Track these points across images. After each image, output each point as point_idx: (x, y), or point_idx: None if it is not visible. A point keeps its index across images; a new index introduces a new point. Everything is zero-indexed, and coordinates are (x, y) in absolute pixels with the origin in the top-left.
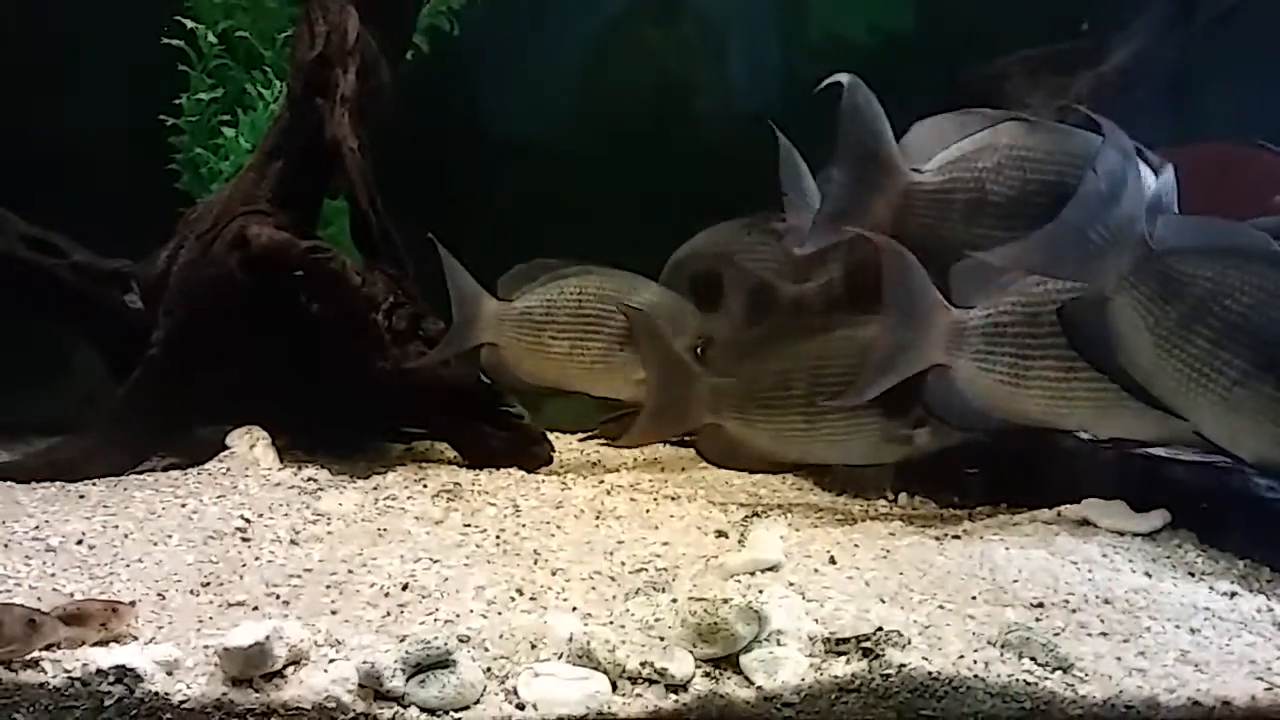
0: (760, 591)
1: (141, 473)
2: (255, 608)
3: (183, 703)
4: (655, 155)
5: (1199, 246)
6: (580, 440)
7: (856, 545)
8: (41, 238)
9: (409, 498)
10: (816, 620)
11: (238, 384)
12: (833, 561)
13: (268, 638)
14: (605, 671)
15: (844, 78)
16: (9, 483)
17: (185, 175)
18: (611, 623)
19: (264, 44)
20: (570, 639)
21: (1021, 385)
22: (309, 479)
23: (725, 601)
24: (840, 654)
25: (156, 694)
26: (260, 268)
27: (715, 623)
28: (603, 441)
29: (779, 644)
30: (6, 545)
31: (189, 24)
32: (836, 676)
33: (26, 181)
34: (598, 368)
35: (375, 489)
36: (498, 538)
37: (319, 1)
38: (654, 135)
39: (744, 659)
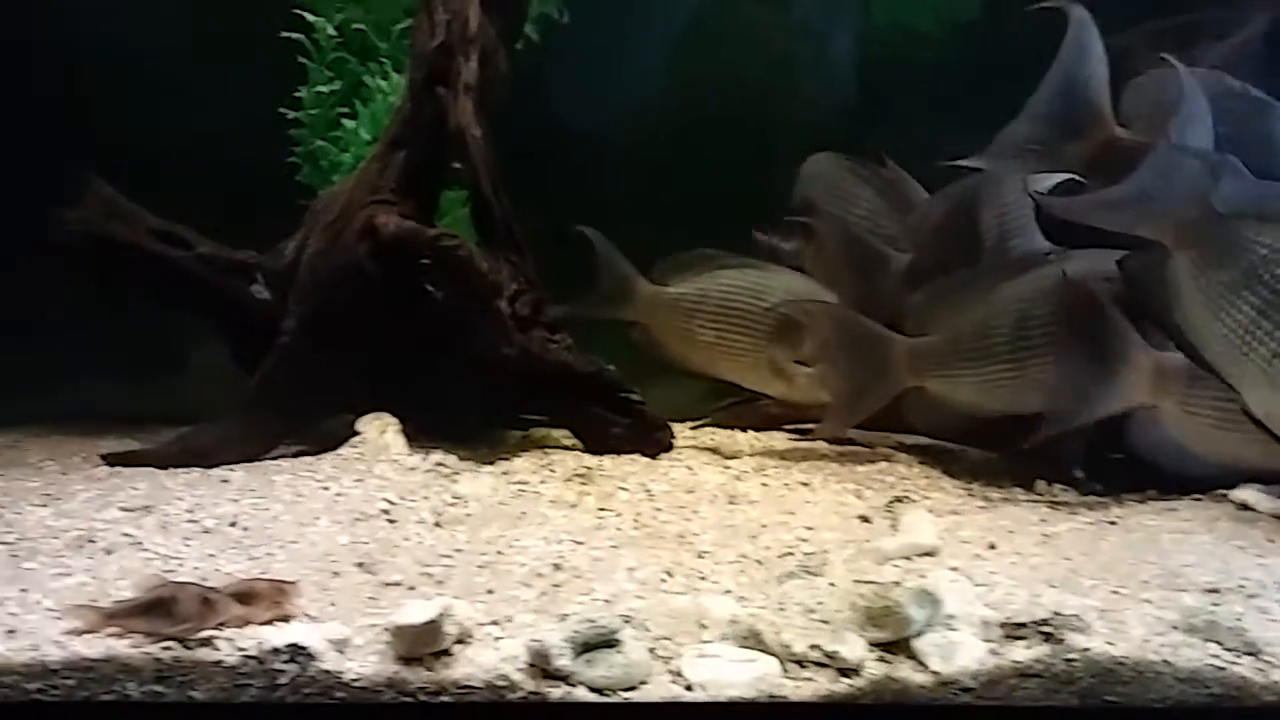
0: (923, 576)
1: (273, 459)
2: (411, 587)
3: (354, 681)
4: (723, 148)
5: (1265, 212)
6: (692, 428)
7: (1011, 531)
8: (169, 230)
9: (541, 482)
10: (987, 605)
11: (365, 371)
12: (992, 547)
13: (440, 616)
14: (774, 654)
15: (1073, 8)
16: (145, 468)
17: (305, 167)
18: (768, 606)
19: (379, 36)
20: (733, 621)
21: (1230, 428)
22: (437, 464)
23: (896, 584)
24: (1018, 638)
25: (329, 672)
26: (388, 256)
27: (887, 606)
28: (732, 427)
29: (951, 628)
30: (165, 527)
31: (309, 17)
32: (1016, 661)
33: (152, 175)
34: (745, 360)
35: (505, 474)
36: (636, 521)
37: None
38: (722, 126)
39: (917, 643)
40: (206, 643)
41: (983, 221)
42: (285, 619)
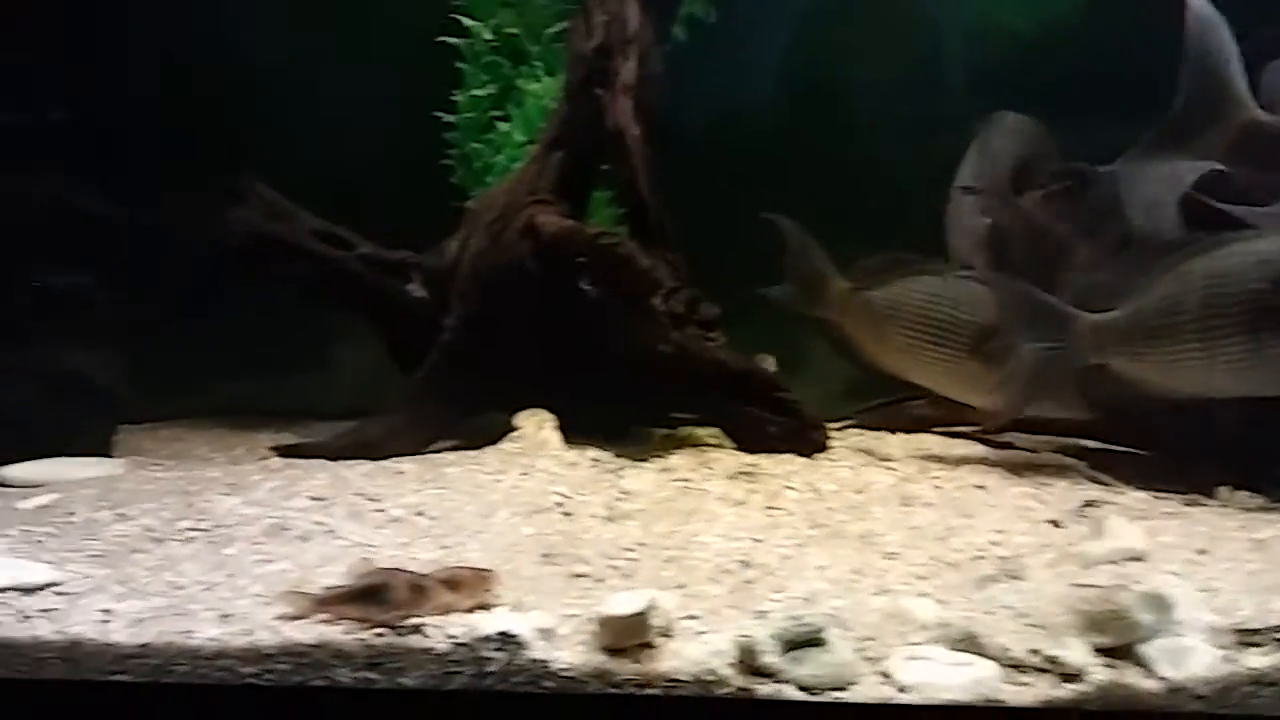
0: (1139, 581)
1: (434, 452)
2: (600, 579)
3: (563, 670)
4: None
5: None
6: (837, 429)
7: (1215, 537)
8: (330, 231)
9: (704, 480)
10: (1213, 610)
11: (522, 368)
12: (1203, 552)
13: (647, 608)
14: (992, 658)
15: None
16: (317, 460)
17: (459, 170)
18: (974, 610)
19: (531, 40)
20: (943, 624)
21: None
22: (593, 460)
23: (1121, 588)
24: (1253, 645)
25: (537, 661)
26: (549, 255)
27: (1113, 610)
28: (878, 428)
29: (1179, 634)
30: (355, 516)
31: (466, 21)
32: (1252, 669)
33: (312, 177)
34: (942, 367)
35: (665, 471)
36: (810, 520)
37: None
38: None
39: (1143, 649)
40: (416, 629)
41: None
42: (486, 607)
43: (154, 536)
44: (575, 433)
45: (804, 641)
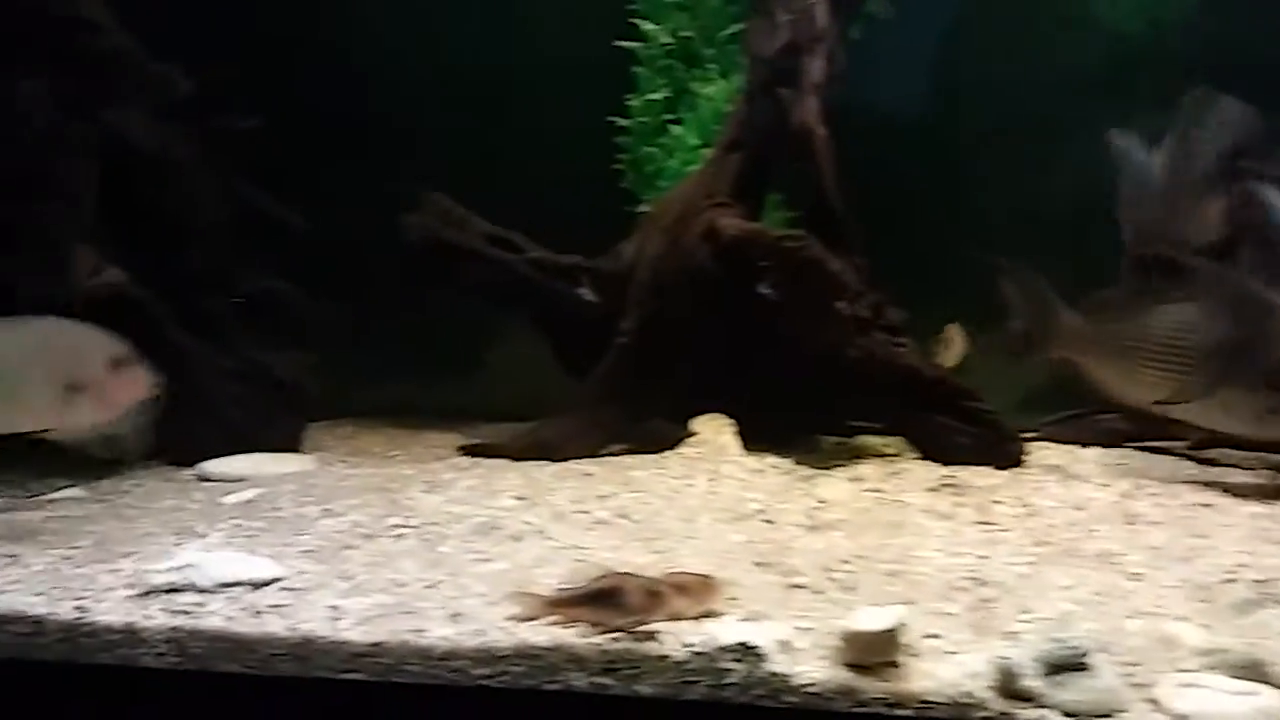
0: None
1: (609, 455)
2: (820, 591)
3: (805, 685)
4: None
5: None
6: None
7: None
8: (502, 235)
9: (901, 491)
10: None
11: (700, 373)
12: None
13: (898, 625)
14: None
15: None
16: (499, 459)
17: (630, 174)
18: (1242, 635)
19: (705, 43)
20: (1217, 650)
21: None
22: (774, 466)
23: None
24: None
25: (778, 674)
26: (730, 258)
27: None
28: (1068, 441)
29: None
30: (561, 518)
31: (645, 25)
32: None
33: (484, 183)
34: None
35: (855, 480)
36: (1032, 536)
37: None
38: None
39: None
40: (651, 636)
41: None
42: (712, 615)
43: (364, 533)
44: (752, 438)
45: (1066, 665)
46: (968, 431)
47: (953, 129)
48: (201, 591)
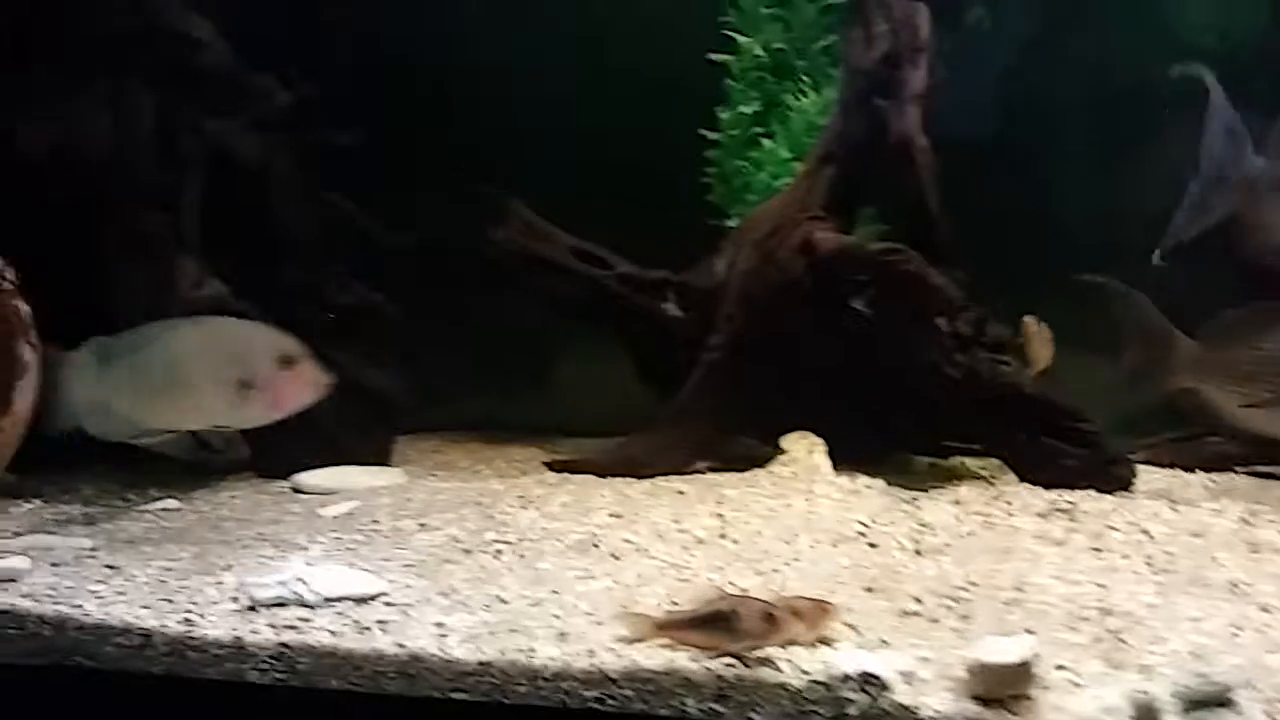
0: None
1: (695, 473)
2: (935, 619)
3: (931, 718)
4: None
5: None
6: None
7: None
8: (588, 249)
9: (1008, 515)
10: None
11: (791, 390)
12: None
13: (1033, 657)
14: None
15: None
16: (587, 476)
17: (718, 188)
18: None
19: (798, 54)
20: None
21: None
22: (867, 487)
23: None
24: None
25: (903, 706)
26: (826, 272)
27: None
28: (1170, 465)
29: None
30: (661, 536)
31: (738, 38)
32: None
33: (569, 196)
34: None
35: (958, 503)
36: (1151, 564)
37: (877, 1)
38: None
39: None
40: (766, 661)
41: None
42: (826, 641)
43: (462, 548)
44: (839, 458)
45: (1209, 701)
46: (1074, 454)
47: (1038, 143)
48: (307, 606)
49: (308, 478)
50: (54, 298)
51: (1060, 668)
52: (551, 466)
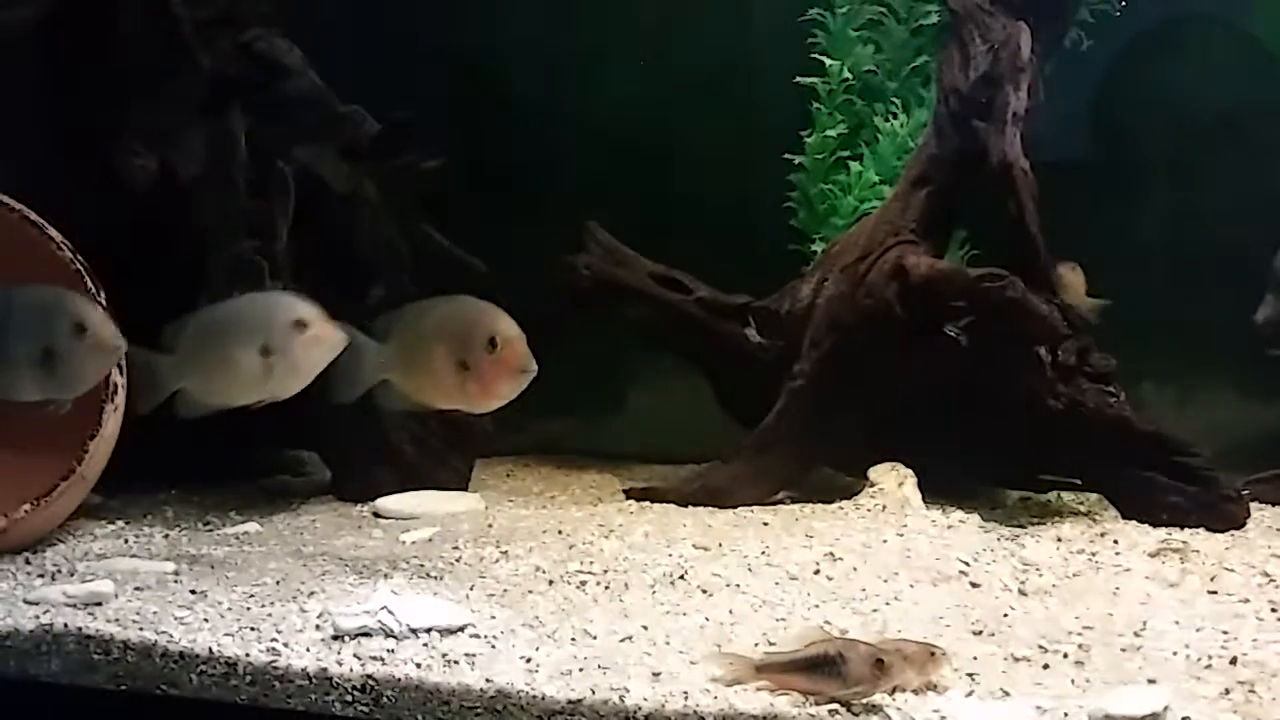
0: None
1: (774, 504)
2: (1046, 665)
3: None
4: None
5: None
6: None
7: None
8: (669, 275)
9: (1115, 555)
10: None
11: (880, 419)
12: None
13: (1164, 709)
14: None
15: None
16: (666, 505)
17: (802, 212)
18: None
19: (888, 76)
20: None
21: None
22: (961, 521)
23: None
24: None
25: None
26: (920, 298)
27: None
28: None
29: None
30: (750, 570)
31: (826, 61)
32: None
33: (647, 223)
34: None
35: (1061, 541)
36: (1274, 609)
37: (975, 21)
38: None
39: None
40: (874, 709)
41: None
42: (934, 688)
43: (546, 578)
44: (927, 491)
45: None
46: (1183, 490)
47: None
48: (393, 636)
49: (388, 502)
50: (150, 322)
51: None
52: (630, 494)
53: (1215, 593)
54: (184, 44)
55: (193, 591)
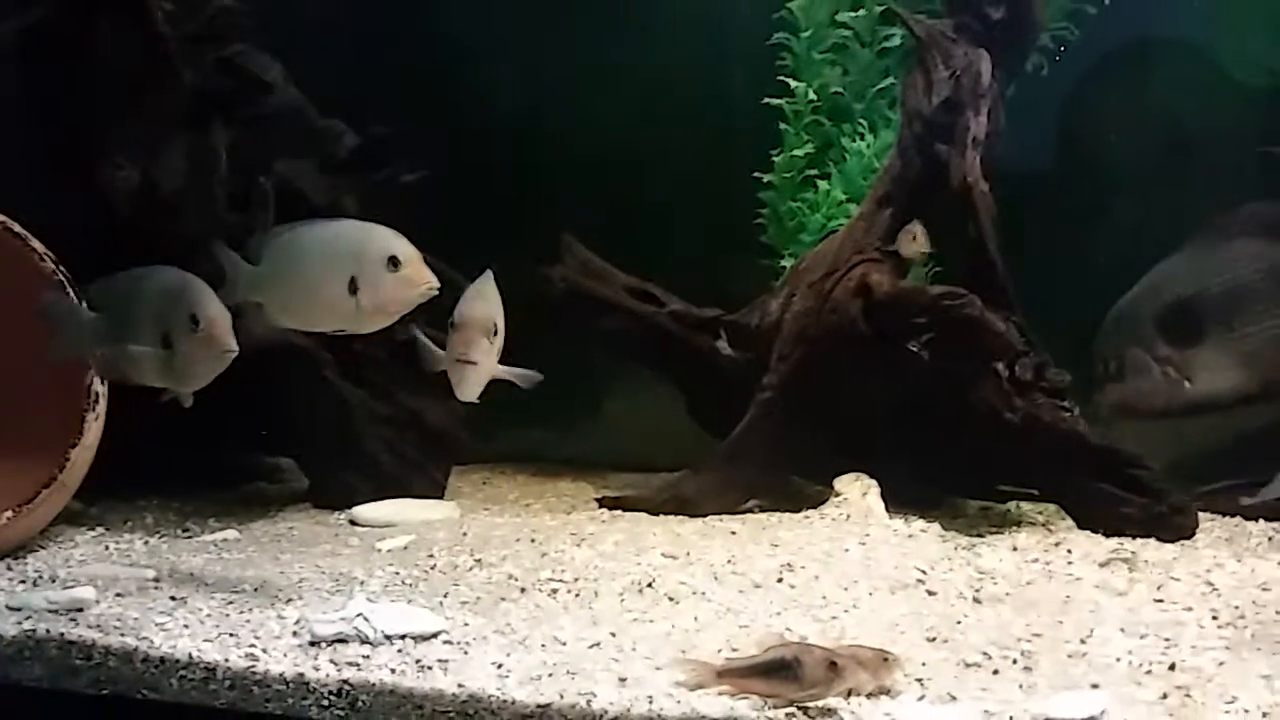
0: None
1: (743, 513)
2: (995, 671)
3: None
4: None
5: None
6: None
7: None
8: (642, 288)
9: (1067, 564)
10: None
11: (843, 430)
12: None
13: (1101, 713)
14: None
15: None
16: (638, 514)
17: (771, 228)
18: None
19: (855, 98)
20: None
21: None
22: (922, 530)
23: None
24: None
25: None
26: (883, 315)
27: None
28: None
29: None
30: (716, 578)
31: (793, 83)
32: None
33: (624, 235)
34: None
35: (1015, 550)
36: (1216, 618)
37: (937, 48)
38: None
39: None
40: (829, 712)
41: None
42: (887, 692)
43: (518, 585)
44: (892, 501)
45: None
46: (1134, 501)
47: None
48: (368, 643)
49: (365, 510)
50: None
51: None
52: (603, 503)
53: (1161, 601)
54: (167, 60)
55: (173, 598)
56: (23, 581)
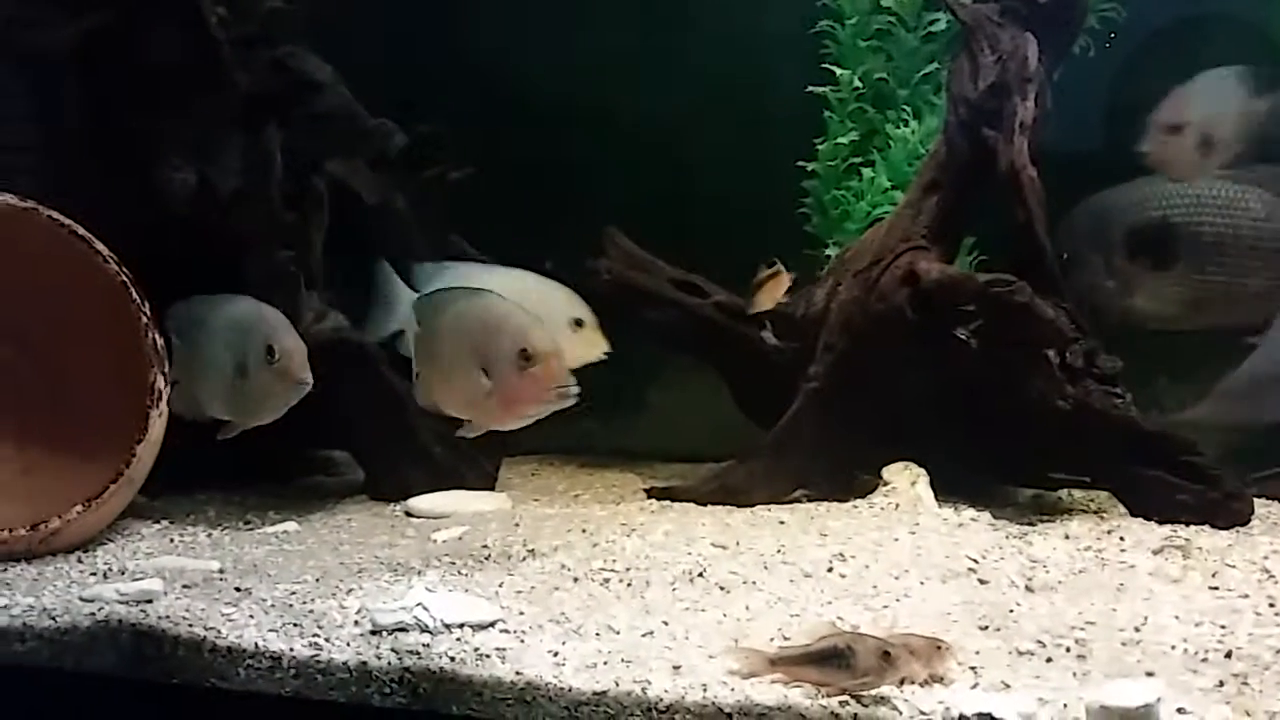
0: None
1: (790, 502)
2: (1049, 659)
3: None
4: None
5: None
6: None
7: None
8: (686, 279)
9: (1121, 551)
10: None
11: (892, 420)
12: None
13: (1156, 701)
14: None
15: None
16: (686, 504)
17: (815, 217)
18: None
19: (899, 84)
20: None
21: None
22: (972, 519)
23: None
24: None
25: None
26: (930, 303)
27: None
28: None
29: None
30: (766, 568)
31: (836, 70)
32: None
33: (668, 227)
34: None
35: (1068, 539)
36: (1272, 604)
37: (983, 32)
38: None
39: None
40: (882, 700)
41: None
42: (940, 680)
43: (571, 575)
44: (939, 490)
45: None
46: (1188, 488)
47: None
48: (428, 631)
49: (419, 502)
50: None
51: (1181, 711)
52: (651, 493)
53: (1216, 588)
54: (221, 63)
55: (237, 589)
56: (93, 574)
